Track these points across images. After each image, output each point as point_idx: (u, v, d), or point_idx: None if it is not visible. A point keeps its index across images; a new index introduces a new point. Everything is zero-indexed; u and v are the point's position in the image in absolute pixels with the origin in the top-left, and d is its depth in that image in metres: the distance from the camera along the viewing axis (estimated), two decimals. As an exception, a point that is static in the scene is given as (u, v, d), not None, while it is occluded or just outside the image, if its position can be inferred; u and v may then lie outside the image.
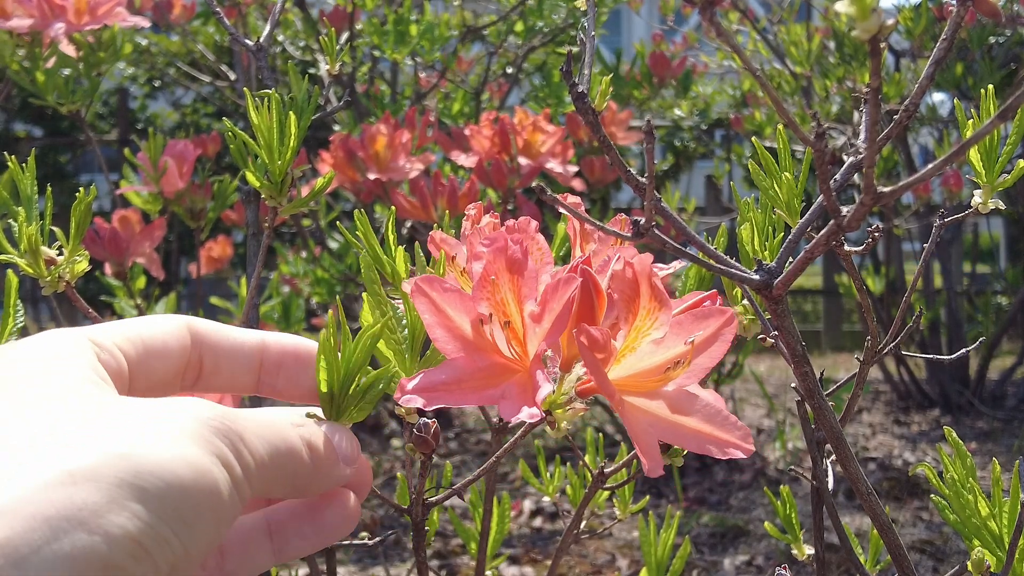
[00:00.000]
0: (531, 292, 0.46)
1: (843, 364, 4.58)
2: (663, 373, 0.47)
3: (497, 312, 0.47)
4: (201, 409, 0.36)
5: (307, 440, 0.40)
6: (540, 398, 0.44)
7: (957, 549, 2.00)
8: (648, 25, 4.78)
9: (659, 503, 2.41)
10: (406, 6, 2.09)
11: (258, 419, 0.38)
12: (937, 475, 0.60)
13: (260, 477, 0.37)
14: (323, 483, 0.41)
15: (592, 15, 0.61)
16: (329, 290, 2.31)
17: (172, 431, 0.34)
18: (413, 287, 0.47)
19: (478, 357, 0.47)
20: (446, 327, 0.47)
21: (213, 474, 0.34)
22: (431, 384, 0.46)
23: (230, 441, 0.35)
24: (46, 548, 0.29)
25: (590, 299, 0.47)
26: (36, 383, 0.35)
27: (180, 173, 1.48)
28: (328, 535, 0.43)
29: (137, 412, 0.35)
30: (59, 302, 1.39)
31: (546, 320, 0.45)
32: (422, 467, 0.53)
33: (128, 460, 0.32)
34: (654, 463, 0.44)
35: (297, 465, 0.39)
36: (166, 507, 0.32)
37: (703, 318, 0.48)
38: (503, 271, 0.46)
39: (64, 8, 1.27)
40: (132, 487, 0.31)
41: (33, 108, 5.77)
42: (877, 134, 0.40)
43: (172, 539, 0.32)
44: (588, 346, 0.44)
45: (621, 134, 2.30)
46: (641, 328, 0.47)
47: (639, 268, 0.46)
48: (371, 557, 2.07)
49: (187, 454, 0.33)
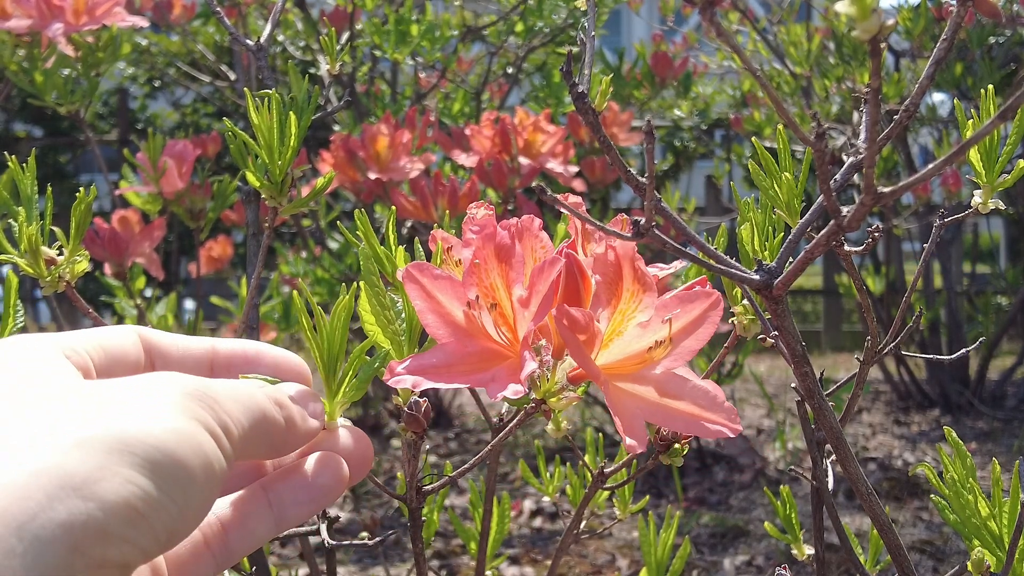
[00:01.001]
0: (519, 277, 0.47)
1: (843, 364, 4.58)
2: (646, 354, 0.48)
3: (486, 297, 0.47)
4: (179, 379, 0.37)
5: (275, 399, 0.42)
6: (525, 375, 0.44)
7: (957, 549, 2.01)
8: (648, 25, 4.78)
9: (659, 503, 2.41)
10: (407, 6, 2.09)
11: (229, 384, 0.39)
12: (937, 475, 0.60)
13: (241, 439, 0.38)
14: (296, 438, 0.43)
15: (592, 15, 0.61)
16: (329, 290, 2.31)
17: (156, 400, 0.35)
18: (404, 273, 0.48)
19: (468, 342, 0.48)
20: (437, 312, 0.48)
21: (199, 439, 0.35)
22: (421, 367, 0.47)
23: (210, 407, 0.37)
24: (42, 515, 0.29)
25: (575, 281, 0.47)
26: (16, 370, 0.36)
27: (180, 173, 1.47)
28: (323, 498, 0.44)
29: (118, 386, 0.36)
30: (59, 302, 1.39)
31: (533, 303, 0.46)
32: (414, 447, 0.53)
33: (118, 427, 0.33)
34: (636, 438, 0.44)
35: (271, 424, 0.41)
36: (158, 472, 0.32)
37: (689, 300, 0.48)
38: (491, 256, 0.47)
39: (63, 8, 1.26)
40: (123, 454, 0.32)
41: (33, 108, 5.77)
42: (877, 134, 0.40)
43: (168, 504, 0.32)
44: (569, 327, 0.44)
45: (623, 135, 2.30)
46: (626, 311, 0.47)
47: (622, 251, 0.47)
48: (371, 557, 2.07)
49: (173, 420, 0.34)
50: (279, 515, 0.44)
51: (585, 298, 0.48)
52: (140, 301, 1.47)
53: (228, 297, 2.97)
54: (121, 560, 0.31)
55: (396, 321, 0.54)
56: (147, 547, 0.32)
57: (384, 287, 0.55)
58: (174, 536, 0.33)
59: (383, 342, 0.54)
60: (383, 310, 0.54)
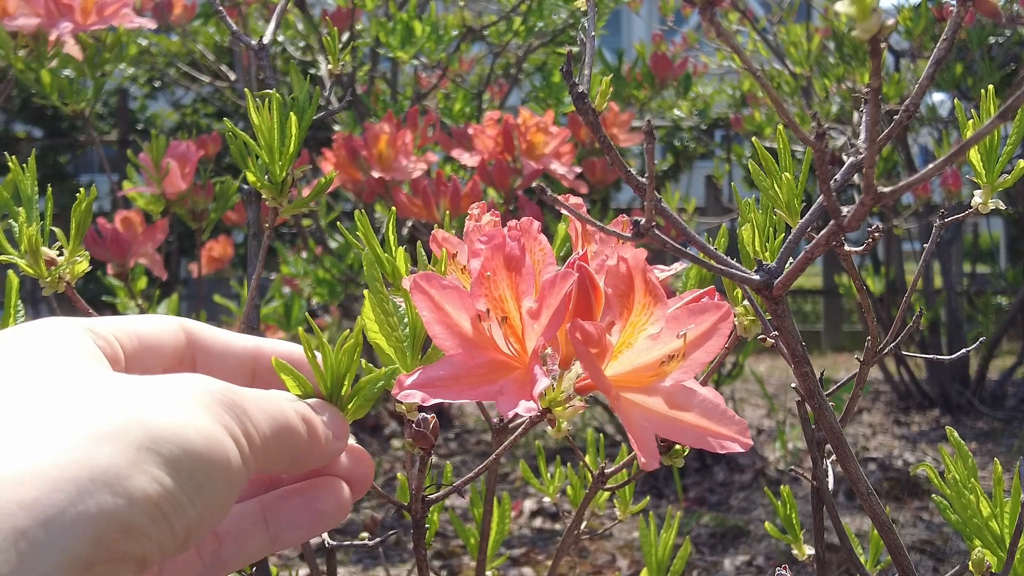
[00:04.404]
0: (529, 288, 0.46)
1: (843, 364, 4.58)
2: (659, 367, 0.47)
3: (495, 308, 0.47)
4: (207, 382, 0.37)
5: (302, 414, 0.41)
6: (537, 392, 0.44)
7: (957, 549, 2.01)
8: (648, 25, 4.78)
9: (659, 503, 2.41)
10: (411, 6, 2.09)
11: (257, 394, 0.39)
12: (939, 475, 0.60)
13: (263, 449, 0.38)
14: (318, 457, 0.42)
15: (592, 15, 0.61)
16: (331, 290, 2.31)
17: (183, 401, 0.35)
18: (412, 284, 0.47)
19: (477, 354, 0.47)
20: (445, 324, 0.48)
21: (223, 443, 0.35)
22: (429, 380, 0.46)
23: (235, 414, 0.37)
24: (71, 509, 0.29)
25: (587, 294, 0.47)
26: (45, 358, 0.36)
27: (182, 174, 1.48)
28: (321, 523, 0.44)
29: (145, 383, 0.36)
30: (59, 302, 1.39)
31: (544, 316, 0.45)
32: (421, 463, 0.53)
33: (145, 425, 0.33)
34: (649, 456, 0.44)
35: (295, 438, 0.40)
36: (182, 473, 0.33)
37: (699, 312, 0.47)
38: (501, 267, 0.46)
39: (71, 8, 1.26)
40: (151, 451, 0.32)
41: (33, 109, 5.77)
42: (877, 134, 0.40)
43: (188, 505, 0.33)
44: (582, 341, 0.44)
45: (623, 136, 2.30)
46: (637, 323, 0.47)
47: (633, 263, 0.46)
48: (371, 558, 2.07)
49: (199, 423, 0.34)
50: (275, 535, 0.43)
51: (596, 310, 0.47)
52: (141, 301, 1.47)
53: (229, 298, 2.97)
54: (140, 555, 0.31)
55: (400, 327, 0.54)
56: (166, 544, 0.32)
57: (386, 291, 0.54)
58: (191, 536, 0.33)
59: (387, 349, 0.53)
60: (387, 317, 0.53)
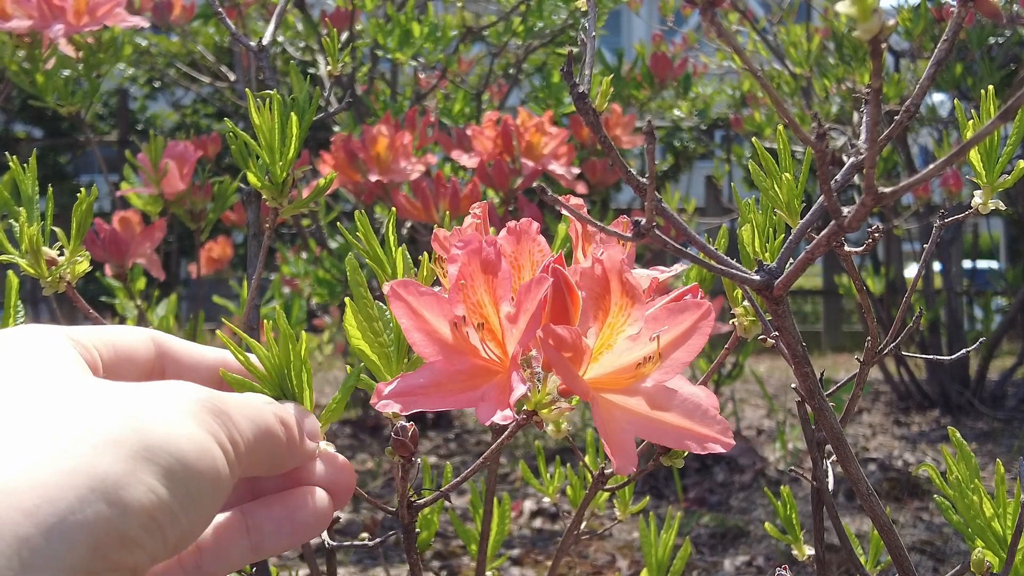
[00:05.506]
0: (506, 293, 0.46)
1: (843, 364, 4.58)
2: (637, 368, 0.47)
3: (473, 314, 0.46)
4: (194, 390, 0.37)
5: (280, 416, 0.42)
6: (513, 400, 0.43)
7: (957, 549, 2.00)
8: (648, 25, 4.78)
9: (659, 504, 2.41)
10: (409, 6, 2.09)
11: (239, 399, 0.40)
12: (940, 475, 0.60)
13: (247, 454, 0.38)
14: (294, 458, 0.43)
15: (593, 15, 0.61)
16: (331, 291, 2.31)
17: (173, 410, 0.35)
18: (389, 291, 0.47)
19: (457, 360, 0.47)
20: (423, 331, 0.47)
21: (213, 452, 0.35)
22: (408, 388, 0.46)
23: (221, 421, 0.37)
24: (71, 518, 0.30)
25: (563, 298, 0.47)
26: (26, 360, 0.36)
27: (181, 175, 1.48)
28: (302, 532, 0.44)
29: (137, 390, 0.36)
30: (59, 303, 1.39)
31: (521, 320, 0.45)
32: (403, 470, 0.53)
33: (141, 434, 0.33)
34: (624, 460, 0.43)
35: (275, 441, 0.41)
36: (176, 483, 0.33)
37: (679, 312, 0.47)
38: (477, 272, 0.46)
39: (63, 9, 1.26)
40: (147, 461, 0.32)
41: (33, 109, 5.77)
42: (877, 135, 0.40)
43: (180, 514, 0.33)
44: (554, 346, 0.43)
45: (625, 137, 2.30)
46: (615, 325, 0.46)
47: (608, 264, 0.46)
48: (371, 558, 2.07)
49: (191, 432, 0.35)
50: (256, 543, 0.43)
51: (573, 313, 0.47)
52: (140, 302, 1.47)
53: (228, 298, 2.97)
54: (134, 564, 0.32)
55: (384, 333, 0.53)
56: (158, 553, 0.33)
57: (369, 296, 0.54)
58: (181, 544, 0.34)
59: (371, 356, 0.53)
60: (370, 323, 0.52)
